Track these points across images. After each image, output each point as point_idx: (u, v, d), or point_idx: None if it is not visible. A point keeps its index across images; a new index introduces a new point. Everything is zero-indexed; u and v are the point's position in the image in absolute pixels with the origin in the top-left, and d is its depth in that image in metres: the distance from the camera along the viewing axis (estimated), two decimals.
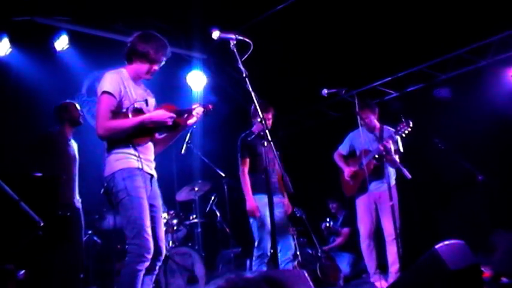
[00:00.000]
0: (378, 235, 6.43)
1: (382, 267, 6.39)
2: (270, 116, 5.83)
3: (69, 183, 5.57)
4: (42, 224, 3.43)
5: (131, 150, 3.91)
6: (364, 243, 6.39)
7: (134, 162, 3.89)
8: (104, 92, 3.89)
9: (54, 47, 7.41)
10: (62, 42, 7.38)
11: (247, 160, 5.80)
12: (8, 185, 3.44)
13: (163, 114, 3.98)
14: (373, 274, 6.33)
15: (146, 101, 4.10)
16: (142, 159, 3.94)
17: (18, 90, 7.13)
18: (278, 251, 5.75)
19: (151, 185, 4.04)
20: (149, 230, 3.80)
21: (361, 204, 6.48)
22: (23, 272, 3.55)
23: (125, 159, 3.89)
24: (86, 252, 6.37)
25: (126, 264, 3.76)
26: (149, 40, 4.10)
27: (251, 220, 5.75)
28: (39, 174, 4.38)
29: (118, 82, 3.95)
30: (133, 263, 3.73)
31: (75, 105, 5.97)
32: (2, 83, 7.07)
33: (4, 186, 3.42)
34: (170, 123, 4.02)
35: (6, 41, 6.95)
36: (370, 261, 6.34)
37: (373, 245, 6.38)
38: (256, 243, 5.65)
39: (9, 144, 6.83)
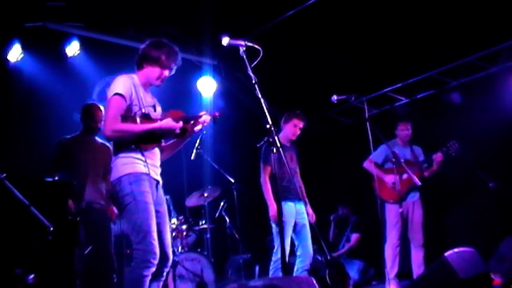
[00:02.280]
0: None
1: (403, 274, 6.47)
2: (301, 125, 6.03)
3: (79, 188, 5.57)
4: (52, 229, 3.45)
5: (138, 155, 3.92)
6: (392, 248, 6.53)
7: (141, 167, 3.91)
8: (116, 94, 3.90)
9: (66, 53, 7.46)
10: (73, 48, 7.44)
11: (270, 168, 5.80)
12: (19, 190, 3.46)
13: (172, 124, 4.00)
14: (391, 280, 6.35)
15: (154, 107, 4.12)
16: (149, 165, 3.95)
17: (30, 95, 7.19)
18: (297, 257, 5.78)
19: (157, 191, 4.05)
20: (155, 235, 3.79)
21: (394, 211, 6.58)
22: (32, 276, 3.56)
23: (132, 163, 3.90)
24: None
25: (132, 269, 3.76)
26: (161, 46, 4.14)
27: (273, 226, 5.74)
28: (50, 179, 4.41)
29: (130, 86, 3.97)
30: (138, 268, 3.71)
31: (95, 109, 5.84)
32: (15, 88, 7.13)
33: (14, 191, 3.45)
34: (178, 130, 4.04)
35: (18, 46, 7.01)
36: (393, 267, 6.43)
37: (399, 250, 6.51)
38: (275, 249, 5.67)
39: (21, 149, 6.89)
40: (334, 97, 5.85)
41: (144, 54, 4.12)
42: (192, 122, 4.20)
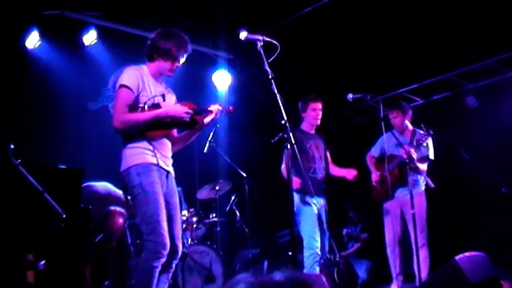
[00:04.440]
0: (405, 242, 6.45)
1: (408, 276, 6.38)
2: (320, 106, 6.00)
3: None
4: (64, 216, 3.47)
5: (146, 145, 3.93)
6: (389, 248, 6.44)
7: (150, 158, 3.91)
8: (122, 86, 3.93)
9: (83, 42, 7.49)
10: (90, 37, 7.46)
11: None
12: (33, 176, 3.48)
13: (179, 109, 3.99)
14: (395, 278, 6.31)
15: (163, 96, 4.10)
16: (158, 155, 3.94)
17: (46, 82, 7.23)
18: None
19: (167, 182, 4.04)
20: (165, 226, 3.80)
21: (387, 211, 6.50)
22: (43, 262, 3.59)
23: (140, 154, 3.91)
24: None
25: (143, 260, 3.79)
26: (170, 37, 4.12)
27: (299, 219, 5.70)
28: (63, 166, 4.43)
29: (137, 77, 3.99)
30: (149, 259, 3.75)
31: (112, 218, 5.77)
32: (31, 75, 7.18)
33: (28, 177, 3.47)
34: (187, 118, 4.02)
35: (36, 33, 7.04)
36: (394, 266, 6.34)
37: (398, 250, 6.38)
38: (304, 243, 5.64)
39: (36, 136, 6.93)
40: (350, 95, 5.81)
41: (155, 45, 4.10)
42: (204, 114, 4.20)
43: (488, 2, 6.93)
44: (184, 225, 6.75)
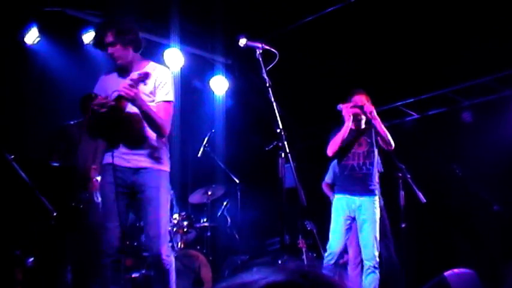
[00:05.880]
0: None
1: None
2: (364, 99, 5.77)
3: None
4: (55, 214, 3.46)
5: (105, 145, 4.08)
6: (350, 267, 6.33)
7: (106, 158, 3.99)
8: None
9: (82, 40, 7.48)
10: (90, 36, 7.44)
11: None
12: (26, 172, 3.47)
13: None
14: None
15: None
16: (115, 153, 3.91)
17: (44, 78, 7.21)
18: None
19: (134, 177, 3.95)
20: (112, 226, 3.87)
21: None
22: (31, 259, 3.58)
23: (103, 155, 4.05)
24: None
25: (99, 257, 3.93)
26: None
27: (332, 219, 5.60)
28: (56, 164, 4.42)
29: (98, 84, 4.18)
30: (98, 257, 3.92)
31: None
32: (29, 70, 7.16)
33: (21, 173, 3.46)
34: (101, 110, 3.75)
35: (35, 30, 7.03)
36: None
37: (358, 271, 6.21)
38: (328, 244, 5.54)
39: (32, 132, 6.91)
40: (341, 106, 5.79)
41: None
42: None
43: (486, 20, 6.97)
44: (174, 229, 6.74)
